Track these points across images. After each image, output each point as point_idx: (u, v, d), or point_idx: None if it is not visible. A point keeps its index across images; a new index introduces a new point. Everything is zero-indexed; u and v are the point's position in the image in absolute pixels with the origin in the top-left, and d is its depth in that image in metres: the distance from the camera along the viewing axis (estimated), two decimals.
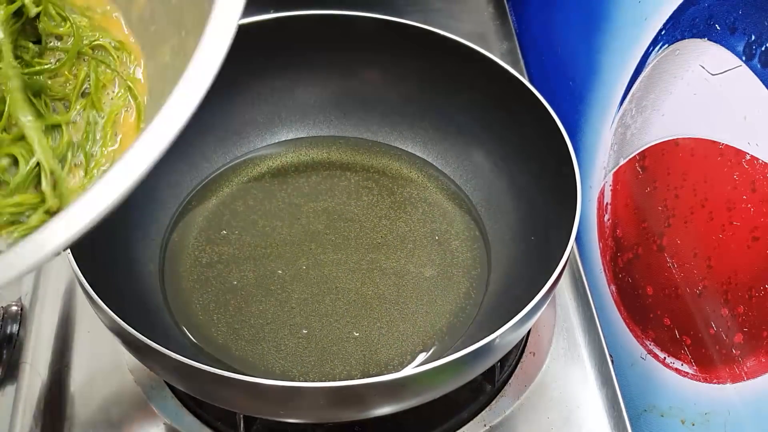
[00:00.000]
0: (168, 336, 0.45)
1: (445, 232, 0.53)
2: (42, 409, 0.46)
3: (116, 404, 0.46)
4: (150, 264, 0.49)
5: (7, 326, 0.50)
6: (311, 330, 0.47)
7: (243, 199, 0.54)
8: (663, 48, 0.46)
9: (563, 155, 0.45)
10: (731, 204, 0.40)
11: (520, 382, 0.48)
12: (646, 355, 0.50)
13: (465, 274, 0.50)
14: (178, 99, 0.20)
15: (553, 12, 0.66)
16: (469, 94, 0.54)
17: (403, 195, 0.55)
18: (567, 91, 0.61)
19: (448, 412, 0.47)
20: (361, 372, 0.45)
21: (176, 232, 0.52)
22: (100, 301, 0.37)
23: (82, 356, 0.49)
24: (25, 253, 0.19)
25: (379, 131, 0.58)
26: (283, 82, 0.56)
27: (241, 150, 0.57)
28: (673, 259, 0.47)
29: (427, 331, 0.47)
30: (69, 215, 0.19)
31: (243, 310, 0.48)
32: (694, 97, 0.43)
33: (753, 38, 0.38)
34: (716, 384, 0.43)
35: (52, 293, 0.52)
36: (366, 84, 0.57)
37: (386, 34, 0.53)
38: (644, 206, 0.50)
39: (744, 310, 0.40)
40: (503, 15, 0.75)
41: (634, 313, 0.52)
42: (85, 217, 0.19)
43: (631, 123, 0.51)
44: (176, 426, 0.45)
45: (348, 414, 0.40)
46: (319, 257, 0.51)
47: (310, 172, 0.56)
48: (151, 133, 0.19)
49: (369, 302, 0.48)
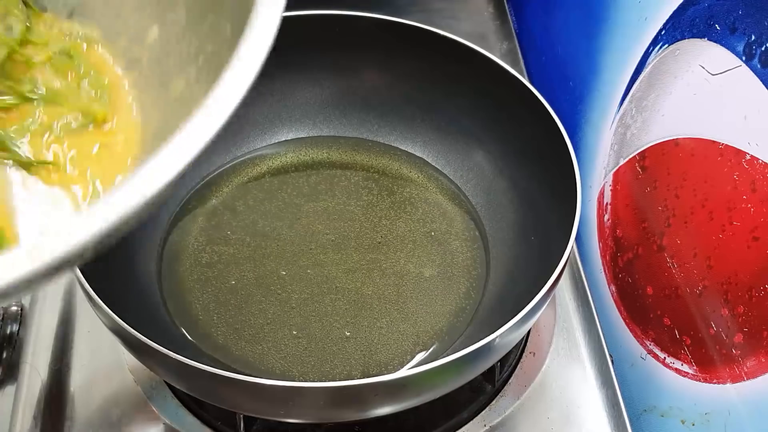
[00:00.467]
0: (168, 336, 0.45)
1: (445, 232, 0.53)
2: (42, 409, 0.46)
3: (116, 404, 0.46)
4: (150, 264, 0.49)
5: (7, 326, 0.50)
6: (311, 330, 0.47)
7: (243, 199, 0.54)
8: (663, 48, 0.46)
9: (563, 155, 0.45)
10: (731, 204, 0.40)
11: (520, 382, 0.48)
12: (646, 355, 0.50)
13: (465, 274, 0.50)
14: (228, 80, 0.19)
15: (553, 12, 0.66)
16: (469, 94, 0.54)
17: (402, 195, 0.55)
18: (567, 91, 0.61)
19: (448, 412, 0.47)
20: (361, 372, 0.45)
21: (176, 232, 0.52)
22: (100, 301, 0.37)
23: (82, 356, 0.49)
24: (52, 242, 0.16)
25: (379, 131, 0.58)
26: (283, 82, 0.56)
27: (241, 150, 0.57)
28: (673, 259, 0.47)
29: (427, 331, 0.47)
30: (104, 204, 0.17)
31: (243, 310, 0.48)
32: (694, 97, 0.43)
33: (753, 38, 0.38)
34: (716, 384, 0.43)
35: (52, 293, 0.52)
36: (366, 84, 0.57)
37: (386, 34, 0.53)
38: (644, 206, 0.50)
39: (744, 310, 0.40)
40: (503, 15, 0.75)
41: (634, 313, 0.52)
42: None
43: (631, 123, 0.51)
44: (176, 426, 0.45)
45: (348, 414, 0.40)
46: (319, 257, 0.51)
47: (310, 172, 0.56)
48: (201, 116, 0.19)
49: (369, 302, 0.48)
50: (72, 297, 0.52)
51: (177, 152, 0.18)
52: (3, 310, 0.51)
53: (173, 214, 0.53)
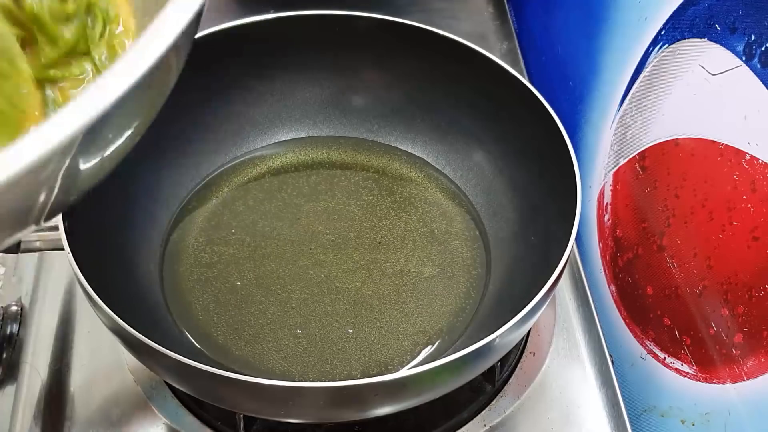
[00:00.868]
0: (168, 336, 0.45)
1: (445, 232, 0.53)
2: (42, 409, 0.46)
3: (116, 404, 0.46)
4: (150, 264, 0.49)
5: (7, 326, 0.50)
6: (311, 330, 0.47)
7: (243, 199, 0.54)
8: (663, 48, 0.46)
9: (563, 155, 0.45)
10: (731, 204, 0.40)
11: (520, 382, 0.48)
12: (646, 355, 0.50)
13: (465, 274, 0.50)
14: None
15: (553, 12, 0.66)
16: (469, 95, 0.54)
17: (403, 195, 0.55)
18: (567, 91, 0.61)
19: (448, 412, 0.47)
20: (361, 372, 0.45)
21: (176, 232, 0.52)
22: (100, 301, 0.37)
23: (82, 356, 0.49)
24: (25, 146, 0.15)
25: (379, 131, 0.58)
26: (283, 82, 0.56)
27: (241, 150, 0.57)
28: (673, 259, 0.47)
29: (427, 331, 0.47)
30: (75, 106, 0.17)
31: (243, 310, 0.48)
32: (694, 97, 0.43)
33: (753, 38, 0.38)
34: (716, 384, 0.43)
35: (52, 293, 0.52)
36: (366, 84, 0.57)
37: (386, 34, 0.53)
38: (644, 206, 0.50)
39: (744, 310, 0.40)
40: (503, 15, 0.76)
41: (634, 313, 0.52)
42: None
43: (631, 123, 0.51)
44: (176, 426, 0.45)
45: (348, 414, 0.40)
46: (319, 257, 0.51)
47: (310, 172, 0.56)
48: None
49: (369, 302, 0.48)
50: (72, 297, 0.52)
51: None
52: (3, 310, 0.51)
53: (173, 214, 0.53)
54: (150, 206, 0.51)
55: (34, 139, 0.15)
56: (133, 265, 0.48)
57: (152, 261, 0.50)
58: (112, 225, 0.46)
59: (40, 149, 0.15)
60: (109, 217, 0.46)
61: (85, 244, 0.39)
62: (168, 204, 0.53)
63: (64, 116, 0.16)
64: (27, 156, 0.15)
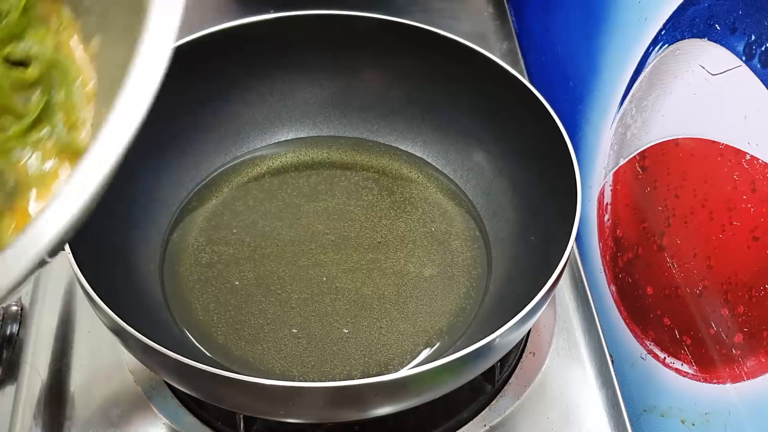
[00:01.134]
0: (168, 336, 0.45)
1: (445, 232, 0.53)
2: (42, 409, 0.46)
3: (116, 404, 0.46)
4: (150, 264, 0.49)
5: (7, 326, 0.50)
6: (311, 330, 0.47)
7: (243, 199, 0.54)
8: (663, 48, 0.46)
9: (563, 155, 0.45)
10: (731, 204, 0.40)
11: (520, 382, 0.48)
12: (646, 355, 0.50)
13: (465, 274, 0.50)
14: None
15: (553, 12, 0.66)
16: (469, 95, 0.54)
17: (403, 195, 0.55)
18: (567, 91, 0.61)
19: (448, 412, 0.47)
20: (361, 372, 0.45)
21: (176, 232, 0.52)
22: (100, 301, 0.37)
23: (82, 356, 0.49)
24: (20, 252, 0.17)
25: (379, 131, 0.58)
26: (283, 82, 0.56)
27: (241, 150, 0.57)
28: (673, 259, 0.47)
29: (427, 331, 0.47)
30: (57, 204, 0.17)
31: (243, 310, 0.48)
32: (694, 97, 0.43)
33: (753, 38, 0.38)
34: (716, 384, 0.43)
35: (52, 293, 0.52)
36: (366, 84, 0.57)
37: (386, 34, 0.53)
38: (644, 206, 0.50)
39: (744, 310, 0.40)
40: (503, 15, 0.75)
41: (634, 313, 0.52)
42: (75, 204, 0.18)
43: (631, 123, 0.51)
44: (176, 426, 0.45)
45: (348, 414, 0.40)
46: (319, 257, 0.51)
47: (310, 172, 0.56)
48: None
49: (369, 302, 0.48)
50: (72, 297, 0.52)
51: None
52: (3, 310, 0.51)
53: (173, 214, 0.53)
54: (150, 206, 0.51)
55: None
56: (133, 265, 0.48)
57: (152, 261, 0.50)
58: (112, 225, 0.46)
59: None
60: (109, 217, 0.46)
61: (85, 244, 0.39)
62: (168, 204, 0.53)
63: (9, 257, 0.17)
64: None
